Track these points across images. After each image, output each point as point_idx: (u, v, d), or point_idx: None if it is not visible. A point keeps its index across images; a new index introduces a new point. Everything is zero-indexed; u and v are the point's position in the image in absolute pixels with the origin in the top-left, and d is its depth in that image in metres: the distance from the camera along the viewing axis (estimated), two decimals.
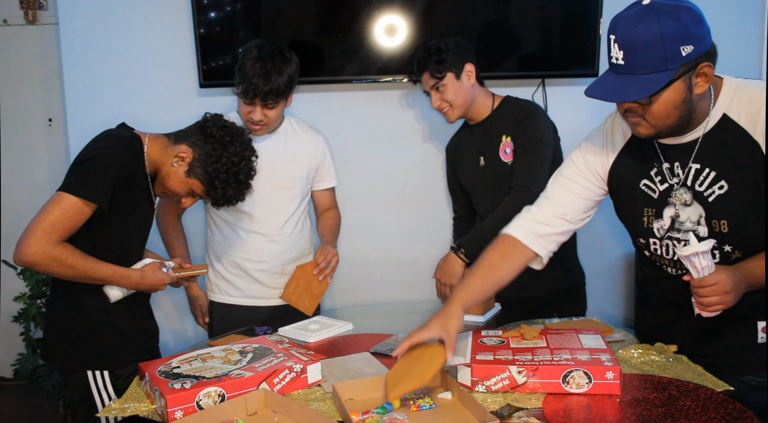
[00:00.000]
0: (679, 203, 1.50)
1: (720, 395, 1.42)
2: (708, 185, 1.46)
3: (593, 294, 2.38)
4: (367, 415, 1.33)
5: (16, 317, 2.78)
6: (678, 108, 1.39)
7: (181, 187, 1.80)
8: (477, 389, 1.46)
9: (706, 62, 1.36)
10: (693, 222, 1.49)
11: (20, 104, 3.28)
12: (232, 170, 1.78)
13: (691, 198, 1.48)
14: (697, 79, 1.37)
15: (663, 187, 1.53)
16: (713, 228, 1.47)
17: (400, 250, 2.81)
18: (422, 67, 2.17)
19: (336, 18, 2.58)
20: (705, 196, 1.46)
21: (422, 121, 2.73)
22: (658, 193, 1.54)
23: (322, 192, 2.36)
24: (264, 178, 2.13)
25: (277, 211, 2.20)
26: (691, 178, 1.48)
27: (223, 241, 2.22)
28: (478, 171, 2.25)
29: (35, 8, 3.21)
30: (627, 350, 1.66)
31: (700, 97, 1.41)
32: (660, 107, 1.38)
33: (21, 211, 3.33)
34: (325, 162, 2.32)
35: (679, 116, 1.41)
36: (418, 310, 2.28)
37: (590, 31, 2.56)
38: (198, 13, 2.53)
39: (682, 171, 1.49)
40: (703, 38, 1.34)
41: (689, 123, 1.44)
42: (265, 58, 2.01)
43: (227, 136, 1.79)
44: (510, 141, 2.17)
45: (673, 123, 1.42)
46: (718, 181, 1.45)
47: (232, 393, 1.42)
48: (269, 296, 2.23)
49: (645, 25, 1.31)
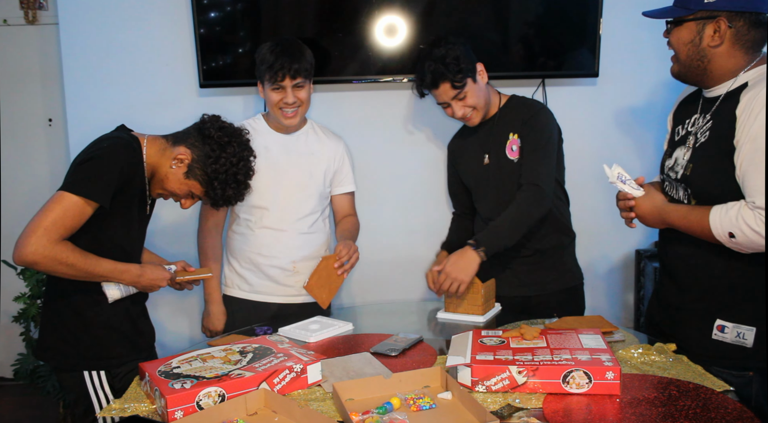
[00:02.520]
0: (683, 146, 1.70)
1: (720, 395, 1.42)
2: (702, 133, 1.64)
3: (593, 294, 2.38)
4: (367, 415, 1.33)
5: (16, 317, 2.78)
6: (687, 46, 1.61)
7: (180, 188, 1.80)
8: (477, 389, 1.46)
9: (724, 18, 1.54)
10: (681, 164, 1.69)
11: (20, 104, 3.28)
12: (231, 171, 1.78)
13: (691, 143, 1.67)
14: (710, 30, 1.55)
15: (683, 133, 1.73)
16: (685, 170, 1.67)
17: (400, 250, 2.81)
18: (439, 79, 2.09)
19: (336, 18, 2.58)
20: (695, 140, 1.66)
21: (422, 122, 2.73)
22: (679, 136, 1.74)
23: (341, 197, 2.36)
24: (279, 175, 2.16)
25: (290, 208, 2.21)
26: (701, 126, 1.65)
27: (239, 236, 2.25)
28: (481, 169, 2.24)
29: (35, 8, 3.21)
30: (627, 350, 1.66)
31: (719, 52, 1.58)
32: (676, 41, 1.64)
33: (21, 211, 3.33)
34: (344, 167, 2.34)
35: (688, 55, 1.61)
36: (418, 310, 2.28)
37: (590, 31, 2.56)
38: (198, 13, 2.53)
39: (702, 120, 1.66)
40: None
41: (705, 71, 1.62)
42: (284, 44, 2.12)
43: (225, 137, 1.79)
44: (517, 138, 2.17)
45: (685, 61, 1.63)
46: (708, 131, 1.62)
47: (233, 393, 1.42)
48: (279, 293, 2.23)
49: None
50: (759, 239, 1.47)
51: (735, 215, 1.49)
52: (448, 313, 2.09)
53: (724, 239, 1.52)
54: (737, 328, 1.61)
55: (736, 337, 1.61)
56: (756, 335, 1.59)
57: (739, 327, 1.61)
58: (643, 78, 2.70)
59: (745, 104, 1.52)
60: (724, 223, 1.51)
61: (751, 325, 1.60)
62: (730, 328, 1.62)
